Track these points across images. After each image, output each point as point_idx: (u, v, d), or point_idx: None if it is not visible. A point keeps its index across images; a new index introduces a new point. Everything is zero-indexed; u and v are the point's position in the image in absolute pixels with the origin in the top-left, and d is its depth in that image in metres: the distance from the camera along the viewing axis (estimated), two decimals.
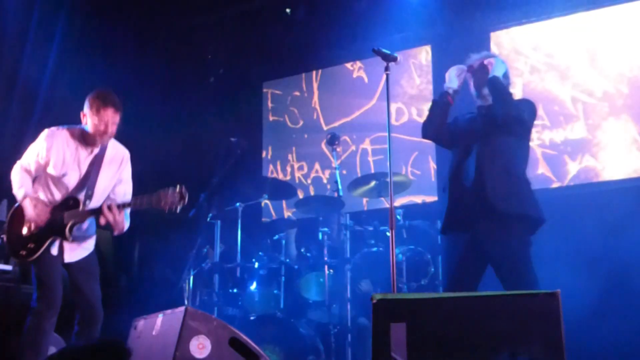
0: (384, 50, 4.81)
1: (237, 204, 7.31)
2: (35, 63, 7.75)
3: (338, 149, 7.34)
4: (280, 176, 9.44)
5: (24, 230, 5.12)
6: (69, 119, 5.46)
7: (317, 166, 9.23)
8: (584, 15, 7.90)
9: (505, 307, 3.18)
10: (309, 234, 7.25)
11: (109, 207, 5.06)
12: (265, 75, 9.85)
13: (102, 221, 5.10)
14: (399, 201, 7.96)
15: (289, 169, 9.46)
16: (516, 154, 5.03)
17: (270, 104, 9.83)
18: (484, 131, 5.05)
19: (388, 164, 4.70)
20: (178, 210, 5.05)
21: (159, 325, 4.54)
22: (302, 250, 7.20)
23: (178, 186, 5.02)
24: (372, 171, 8.61)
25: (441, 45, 8.46)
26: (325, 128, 9.27)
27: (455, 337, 3.20)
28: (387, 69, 4.82)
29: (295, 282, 6.98)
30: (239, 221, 7.27)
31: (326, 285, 6.76)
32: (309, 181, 9.25)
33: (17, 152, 5.56)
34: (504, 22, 8.33)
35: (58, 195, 5.22)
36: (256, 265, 7.08)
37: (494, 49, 8.21)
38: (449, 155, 5.41)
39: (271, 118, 9.78)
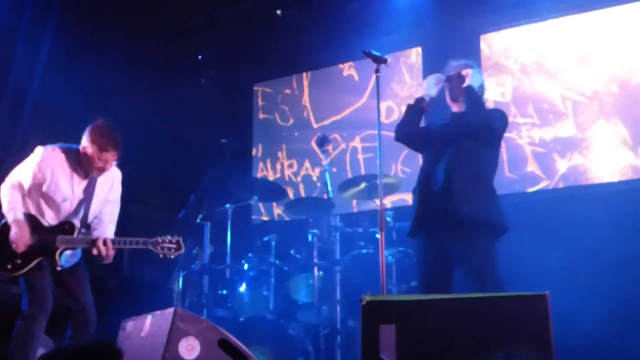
0: (374, 52, 4.81)
1: (227, 205, 7.30)
2: (25, 64, 7.72)
3: (328, 147, 7.33)
4: (270, 174, 9.46)
5: (14, 246, 5.03)
6: (59, 121, 5.45)
7: (307, 164, 9.24)
8: (574, 18, 7.92)
9: (495, 309, 3.19)
10: (298, 236, 7.24)
11: (104, 242, 5.10)
12: (256, 76, 9.85)
13: (95, 252, 5.12)
14: (389, 199, 7.95)
15: (278, 167, 9.46)
16: (485, 162, 5.06)
17: (260, 102, 9.84)
18: (455, 138, 5.06)
19: (378, 166, 4.69)
20: (172, 257, 5.27)
21: (147, 326, 4.53)
22: (292, 251, 7.20)
23: (176, 236, 5.23)
24: (362, 169, 8.69)
25: (431, 47, 8.47)
26: (315, 126, 9.30)
27: (445, 339, 3.20)
28: (377, 70, 4.82)
29: (284, 284, 6.98)
30: (229, 222, 7.26)
31: (316, 286, 6.76)
32: (299, 179, 9.26)
33: (5, 155, 5.54)
34: (494, 25, 8.35)
35: (49, 215, 5.20)
36: (246, 266, 7.07)
37: (484, 50, 8.24)
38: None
39: (261, 116, 9.79)
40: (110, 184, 5.43)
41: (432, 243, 4.99)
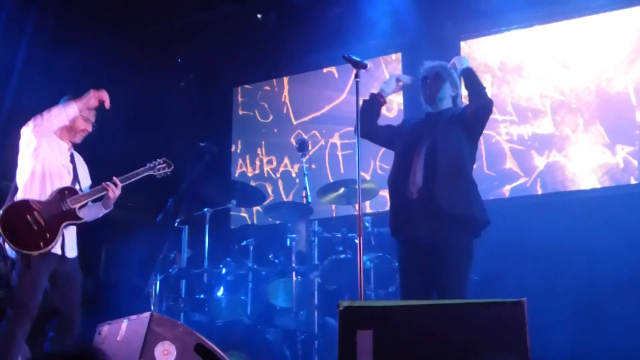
0: (354, 58, 4.80)
1: (205, 209, 7.28)
2: (2, 63, 7.66)
3: (307, 152, 7.32)
4: (249, 170, 9.50)
5: (34, 226, 5.10)
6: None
7: (286, 160, 9.28)
8: (554, 26, 7.99)
9: (472, 315, 3.19)
10: (277, 240, 7.22)
11: (114, 183, 5.38)
12: (235, 80, 9.86)
13: (111, 194, 5.38)
14: (368, 205, 7.96)
15: (258, 163, 9.49)
16: (465, 155, 5.01)
17: (240, 98, 9.88)
18: (431, 134, 5.03)
19: (357, 171, 4.67)
20: (169, 174, 5.78)
21: (123, 330, 4.50)
22: (270, 256, 7.18)
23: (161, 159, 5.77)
24: (341, 166, 8.75)
25: (412, 53, 8.48)
26: (295, 122, 9.34)
27: (422, 345, 3.20)
28: (357, 76, 4.81)
29: (262, 288, 6.97)
30: (207, 227, 7.24)
31: (294, 291, 6.75)
32: (278, 175, 9.29)
33: None
34: (475, 31, 8.41)
35: (52, 188, 5.30)
36: (223, 271, 7.06)
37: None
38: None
39: (241, 112, 9.83)
40: (84, 164, 5.66)
41: (412, 241, 4.95)
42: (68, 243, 5.27)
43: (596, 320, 6.64)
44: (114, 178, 5.38)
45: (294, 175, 9.09)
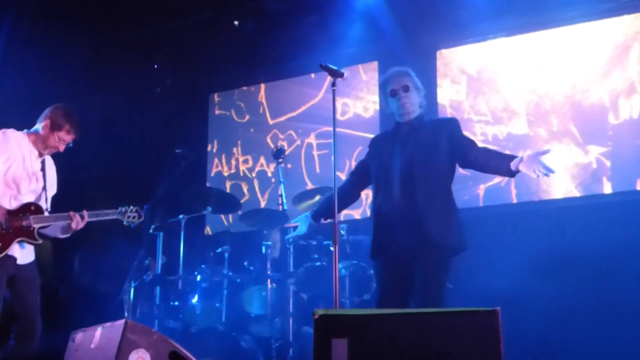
0: (331, 66, 4.78)
1: (181, 216, 7.26)
2: None
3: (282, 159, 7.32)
4: (225, 169, 9.52)
5: None
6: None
7: (262, 160, 9.30)
8: (530, 36, 8.08)
9: (447, 324, 3.20)
10: (252, 248, 7.22)
11: (82, 216, 5.31)
12: (211, 86, 9.84)
13: (74, 226, 5.31)
14: (343, 213, 7.97)
15: (233, 162, 9.51)
16: (439, 175, 4.95)
17: (216, 98, 9.90)
18: (407, 148, 4.99)
19: (333, 180, 4.67)
20: (136, 224, 5.65)
21: (97, 338, 4.47)
22: (245, 263, 7.17)
23: (135, 207, 5.64)
24: (317, 166, 8.80)
25: (388, 61, 8.48)
26: (271, 122, 9.37)
27: (397, 354, 3.21)
28: (333, 84, 4.79)
29: (237, 296, 6.95)
30: (182, 233, 7.22)
31: (269, 299, 6.74)
32: (254, 175, 9.31)
33: None
34: (451, 40, 8.45)
35: (13, 196, 5.24)
36: (198, 278, 7.04)
37: (440, 66, 8.34)
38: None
39: (217, 112, 9.84)
40: (53, 171, 5.60)
41: (390, 265, 4.92)
42: (23, 251, 5.23)
43: (570, 330, 6.69)
44: (84, 212, 5.34)
45: (269, 174, 9.10)
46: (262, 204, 9.04)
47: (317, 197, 6.98)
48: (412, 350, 3.18)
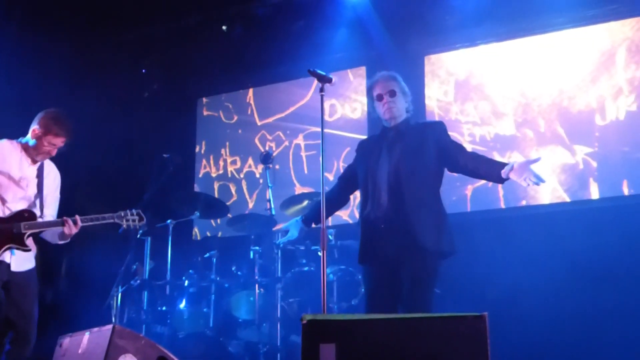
0: (319, 72, 4.77)
1: (168, 220, 7.26)
2: None
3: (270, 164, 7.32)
4: (213, 170, 9.52)
5: None
6: None
7: (250, 161, 9.30)
8: (517, 42, 8.13)
9: (434, 329, 3.21)
10: (240, 253, 7.21)
11: (74, 221, 5.23)
12: (200, 91, 9.84)
13: (67, 231, 5.25)
14: (331, 218, 7.98)
15: (221, 163, 9.51)
16: (427, 180, 4.95)
17: (204, 99, 9.90)
18: (394, 153, 4.99)
19: (321, 184, 4.67)
20: (138, 227, 5.75)
21: (85, 343, 4.47)
22: (233, 268, 7.17)
23: (135, 210, 5.58)
24: (305, 167, 8.84)
25: (376, 67, 8.49)
26: (259, 123, 9.39)
27: (385, 359, 3.21)
28: (322, 90, 4.78)
29: (225, 301, 6.95)
30: (170, 238, 7.22)
31: (256, 304, 6.74)
32: (242, 176, 9.32)
33: None
34: (439, 46, 8.48)
35: (7, 203, 5.21)
36: (186, 283, 7.03)
37: (427, 72, 8.37)
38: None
39: (205, 113, 9.84)
40: (53, 177, 5.55)
41: (379, 270, 4.91)
42: (15, 258, 5.20)
43: (558, 335, 6.72)
44: (76, 217, 5.27)
45: (257, 175, 9.11)
46: (250, 205, 9.07)
47: (305, 202, 6.99)
48: (400, 356, 3.19)
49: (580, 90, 7.68)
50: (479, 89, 8.16)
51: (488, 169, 4.88)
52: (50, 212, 5.43)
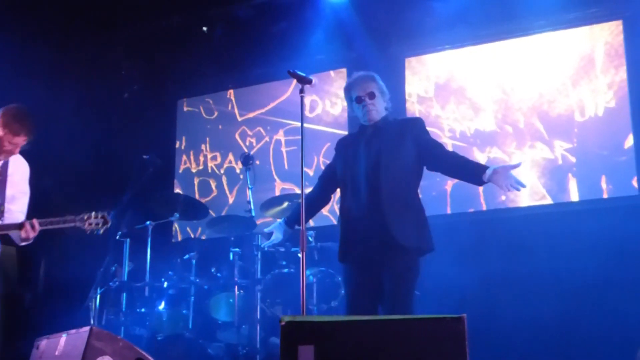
0: (299, 73, 4.77)
1: (148, 222, 7.22)
2: None
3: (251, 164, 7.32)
4: (194, 166, 9.51)
5: None
6: None
7: (230, 156, 9.31)
8: (498, 44, 8.17)
9: (413, 331, 3.21)
10: (219, 254, 7.19)
11: (32, 225, 5.01)
12: (180, 92, 9.81)
13: (24, 235, 5.02)
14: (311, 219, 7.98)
15: (202, 159, 9.50)
16: (406, 178, 4.95)
17: (185, 100, 9.88)
18: (372, 151, 4.98)
19: (301, 187, 4.66)
20: (101, 232, 5.19)
21: (62, 345, 4.44)
22: (213, 270, 7.15)
23: (101, 212, 5.17)
24: (285, 162, 8.85)
25: (356, 68, 8.45)
26: (239, 119, 9.38)
27: None
28: (302, 91, 4.78)
29: (204, 303, 6.92)
30: (149, 240, 7.19)
31: (236, 305, 6.73)
32: (222, 171, 9.31)
33: None
34: (419, 49, 8.49)
35: None
36: (165, 284, 7.00)
37: (408, 74, 8.38)
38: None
39: (186, 109, 9.82)
40: (22, 172, 5.37)
41: (359, 269, 4.91)
42: None
43: (537, 337, 6.74)
44: (34, 221, 5.05)
45: (238, 171, 9.11)
46: (231, 200, 9.07)
47: (286, 204, 6.98)
48: (379, 357, 3.18)
49: (560, 95, 7.72)
50: (459, 91, 8.18)
51: (468, 171, 4.89)
52: (17, 207, 5.27)
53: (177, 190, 9.31)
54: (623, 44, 7.62)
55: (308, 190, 6.83)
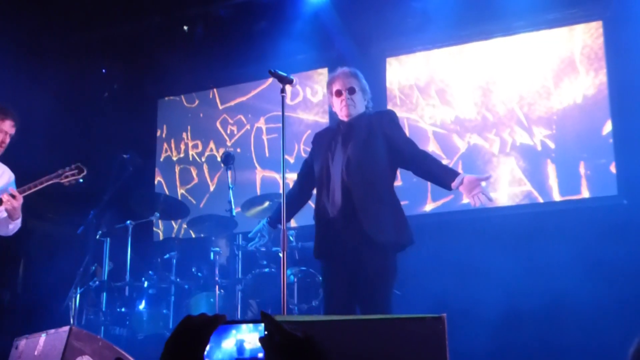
0: (280, 73, 4.79)
1: (128, 221, 7.20)
2: None
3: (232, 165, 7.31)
4: (174, 154, 9.51)
5: None
6: None
7: (211, 144, 9.32)
8: (478, 44, 8.19)
9: (392, 331, 3.21)
10: (200, 254, 7.18)
11: (12, 195, 5.11)
12: (160, 91, 9.78)
13: (8, 206, 5.12)
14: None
15: (183, 147, 9.50)
16: (380, 171, 4.96)
17: (166, 99, 9.87)
18: (347, 147, 4.98)
19: (282, 187, 4.67)
20: (81, 181, 5.42)
21: (41, 345, 4.42)
22: (193, 269, 7.14)
23: (74, 164, 5.40)
24: (266, 150, 8.87)
25: (337, 68, 8.53)
26: (220, 107, 9.39)
27: None
28: (282, 90, 4.80)
29: (185, 302, 6.92)
30: (129, 239, 7.16)
31: (217, 305, 6.72)
32: (203, 159, 9.32)
33: None
34: (400, 49, 8.51)
35: None
36: (145, 284, 6.99)
37: (389, 74, 8.40)
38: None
39: (167, 97, 9.80)
40: (7, 177, 5.47)
41: (335, 268, 4.92)
42: None
43: (517, 337, 6.77)
44: (10, 189, 5.16)
45: (219, 159, 9.05)
46: (212, 188, 9.07)
47: (267, 203, 6.98)
48: (358, 357, 3.19)
49: (540, 97, 7.77)
50: (440, 93, 8.20)
51: (438, 175, 4.93)
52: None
53: (158, 178, 9.29)
54: (603, 46, 7.68)
55: (291, 180, 6.86)
